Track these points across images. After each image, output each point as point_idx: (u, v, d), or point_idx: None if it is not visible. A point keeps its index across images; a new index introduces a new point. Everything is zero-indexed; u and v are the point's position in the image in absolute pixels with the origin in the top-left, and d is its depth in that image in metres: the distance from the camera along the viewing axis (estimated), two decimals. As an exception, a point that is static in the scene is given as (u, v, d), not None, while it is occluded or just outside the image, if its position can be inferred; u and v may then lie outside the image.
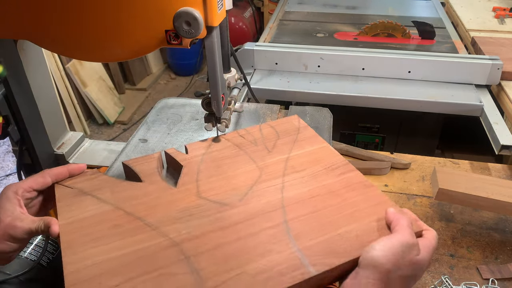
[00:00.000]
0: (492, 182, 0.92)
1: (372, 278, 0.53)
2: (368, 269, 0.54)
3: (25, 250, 1.09)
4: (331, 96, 1.45)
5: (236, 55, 1.57)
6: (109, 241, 0.60)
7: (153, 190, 0.70)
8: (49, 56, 2.79)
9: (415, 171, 1.17)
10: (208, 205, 0.67)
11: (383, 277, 0.53)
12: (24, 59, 0.88)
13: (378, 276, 0.53)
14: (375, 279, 0.53)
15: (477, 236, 0.97)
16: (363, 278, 0.53)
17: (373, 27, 1.85)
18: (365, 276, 0.53)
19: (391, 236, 0.57)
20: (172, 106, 1.14)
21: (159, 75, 4.10)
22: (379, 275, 0.53)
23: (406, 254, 0.55)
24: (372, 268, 0.53)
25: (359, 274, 0.54)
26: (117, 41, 0.71)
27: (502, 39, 1.77)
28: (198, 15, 0.66)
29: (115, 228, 0.63)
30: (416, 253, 0.56)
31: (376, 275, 0.53)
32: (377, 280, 0.53)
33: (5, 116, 0.90)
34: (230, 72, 0.88)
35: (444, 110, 1.44)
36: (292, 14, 2.18)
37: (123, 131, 3.31)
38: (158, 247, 0.59)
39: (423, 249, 0.57)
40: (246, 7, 4.08)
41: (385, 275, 0.53)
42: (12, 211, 0.63)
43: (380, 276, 0.53)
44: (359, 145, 1.72)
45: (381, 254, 0.54)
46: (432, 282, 0.86)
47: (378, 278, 0.53)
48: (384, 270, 0.53)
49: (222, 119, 0.85)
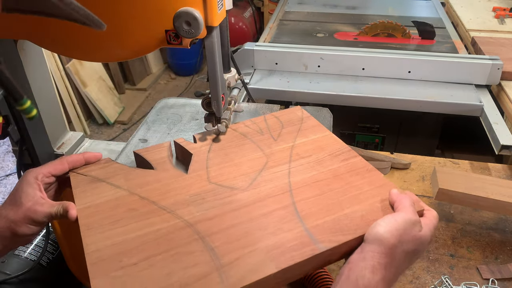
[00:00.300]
0: (492, 182, 0.92)
1: (378, 252, 0.55)
2: (373, 244, 0.56)
3: (25, 250, 1.09)
4: (331, 96, 1.45)
5: (237, 55, 1.58)
6: (126, 223, 0.63)
7: (165, 177, 0.73)
8: (49, 56, 2.79)
9: (415, 171, 1.17)
10: (219, 190, 0.70)
11: (387, 251, 0.55)
12: (24, 59, 0.88)
13: (382, 249, 0.55)
14: (380, 252, 0.55)
15: (477, 236, 0.97)
16: (368, 252, 0.55)
17: (373, 27, 1.85)
18: (370, 250, 0.56)
19: (395, 214, 0.60)
20: (172, 106, 1.14)
21: (159, 75, 4.10)
22: (384, 249, 0.55)
23: (409, 230, 0.57)
24: (377, 242, 0.56)
25: (365, 249, 0.56)
26: (117, 41, 0.71)
27: (502, 39, 1.77)
28: (198, 15, 0.66)
29: (130, 212, 0.65)
30: (418, 229, 0.59)
31: (381, 248, 0.55)
32: (382, 254, 0.55)
33: (5, 116, 0.90)
34: (230, 72, 0.88)
35: (444, 110, 1.44)
36: (292, 14, 2.18)
37: (123, 131, 3.31)
38: (173, 228, 0.62)
39: (424, 226, 0.60)
40: (246, 7, 4.08)
41: (390, 249, 0.55)
42: (33, 195, 0.66)
43: (384, 250, 0.55)
44: (359, 145, 1.72)
45: (386, 230, 0.56)
46: (432, 282, 0.86)
47: (383, 251, 0.55)
48: (388, 244, 0.55)
49: (222, 119, 0.85)
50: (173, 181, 0.72)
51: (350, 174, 0.72)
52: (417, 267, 0.89)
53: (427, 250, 0.93)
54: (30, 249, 1.10)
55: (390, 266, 0.56)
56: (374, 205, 0.65)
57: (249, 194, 0.69)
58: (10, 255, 1.06)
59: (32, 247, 1.10)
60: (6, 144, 3.01)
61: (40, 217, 0.65)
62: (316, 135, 0.84)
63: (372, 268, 0.54)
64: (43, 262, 1.12)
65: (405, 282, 0.86)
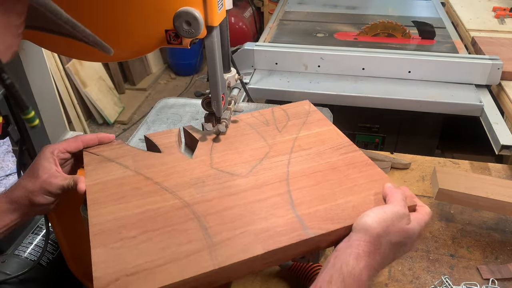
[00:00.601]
0: (492, 182, 0.92)
1: (363, 240, 0.57)
2: (360, 232, 0.58)
3: (25, 250, 1.09)
4: (331, 96, 1.45)
5: (237, 55, 1.58)
6: (129, 200, 0.68)
7: (171, 160, 0.77)
8: (49, 56, 2.79)
9: (415, 171, 1.17)
10: (220, 175, 0.74)
11: (373, 240, 0.57)
12: (24, 59, 0.88)
13: (368, 238, 0.57)
14: (365, 241, 0.57)
15: (477, 236, 0.97)
16: (355, 241, 0.57)
17: (373, 27, 1.85)
18: (356, 238, 0.57)
19: (384, 206, 0.62)
20: (172, 106, 1.14)
21: (159, 75, 4.10)
22: (369, 238, 0.57)
23: (396, 222, 0.59)
24: (364, 231, 0.58)
25: (352, 237, 0.58)
26: (117, 41, 0.71)
27: (502, 39, 1.77)
28: (198, 15, 0.66)
29: (134, 190, 0.70)
30: (406, 222, 0.60)
31: (366, 237, 0.57)
32: (367, 242, 0.57)
33: (5, 116, 0.91)
34: (230, 72, 0.88)
35: (444, 110, 1.44)
36: (292, 14, 2.18)
37: (123, 131, 3.31)
38: (172, 208, 0.66)
39: (414, 221, 0.61)
40: (246, 7, 4.08)
41: (375, 238, 0.57)
42: (49, 168, 0.72)
43: (370, 239, 0.57)
44: (359, 145, 1.72)
45: (373, 220, 0.58)
46: (432, 282, 0.86)
47: (368, 240, 0.57)
48: (374, 233, 0.57)
49: (222, 119, 0.85)
50: (177, 164, 0.76)
51: (348, 167, 0.74)
52: (417, 267, 0.89)
53: (427, 250, 0.93)
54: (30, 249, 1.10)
55: (375, 255, 0.57)
56: (367, 197, 0.66)
57: (247, 181, 0.72)
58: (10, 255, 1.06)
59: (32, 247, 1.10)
60: (6, 144, 3.01)
61: (54, 188, 0.71)
62: (320, 129, 0.86)
63: (357, 256, 0.56)
64: (43, 262, 1.12)
65: (405, 282, 0.86)
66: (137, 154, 0.79)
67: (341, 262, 0.56)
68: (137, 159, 0.77)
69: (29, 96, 0.92)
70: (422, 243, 0.95)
